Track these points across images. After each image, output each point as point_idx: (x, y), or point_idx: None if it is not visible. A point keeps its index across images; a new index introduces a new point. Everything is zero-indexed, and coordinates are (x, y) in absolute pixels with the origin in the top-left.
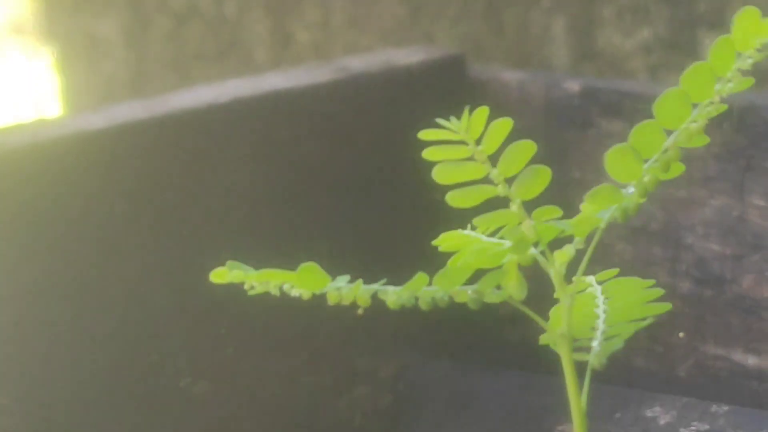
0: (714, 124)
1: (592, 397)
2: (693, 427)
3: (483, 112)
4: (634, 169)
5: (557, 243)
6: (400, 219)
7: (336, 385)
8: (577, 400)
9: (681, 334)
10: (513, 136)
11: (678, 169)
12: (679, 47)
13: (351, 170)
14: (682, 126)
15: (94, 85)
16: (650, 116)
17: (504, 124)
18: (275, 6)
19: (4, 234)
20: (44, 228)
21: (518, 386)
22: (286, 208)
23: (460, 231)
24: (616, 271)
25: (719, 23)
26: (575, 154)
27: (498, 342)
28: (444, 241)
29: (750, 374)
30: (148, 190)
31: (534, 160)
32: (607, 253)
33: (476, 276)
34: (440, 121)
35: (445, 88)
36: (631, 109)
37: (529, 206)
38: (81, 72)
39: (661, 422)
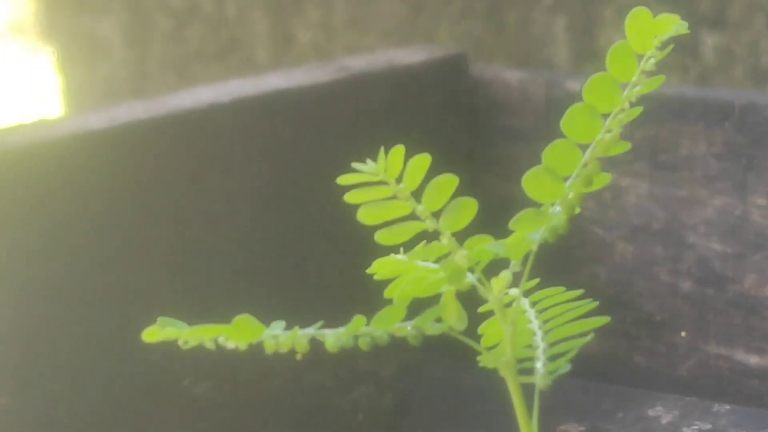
0: (715, 124)
1: (595, 397)
2: (695, 427)
3: (399, 150)
4: (555, 189)
5: (494, 270)
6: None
7: (338, 385)
8: (527, 427)
9: (683, 334)
10: (514, 136)
11: (603, 179)
12: (680, 47)
13: (353, 170)
14: (597, 138)
15: (95, 85)
16: (650, 116)
17: (422, 160)
18: (276, 6)
19: (4, 234)
20: (45, 228)
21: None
22: (288, 208)
23: (393, 256)
24: (537, 281)
25: (720, 22)
26: None
27: None
28: (378, 268)
29: (752, 373)
30: (149, 191)
31: (536, 160)
32: (608, 252)
33: (414, 306)
34: (356, 164)
35: (447, 87)
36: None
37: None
38: (81, 72)
39: (663, 421)
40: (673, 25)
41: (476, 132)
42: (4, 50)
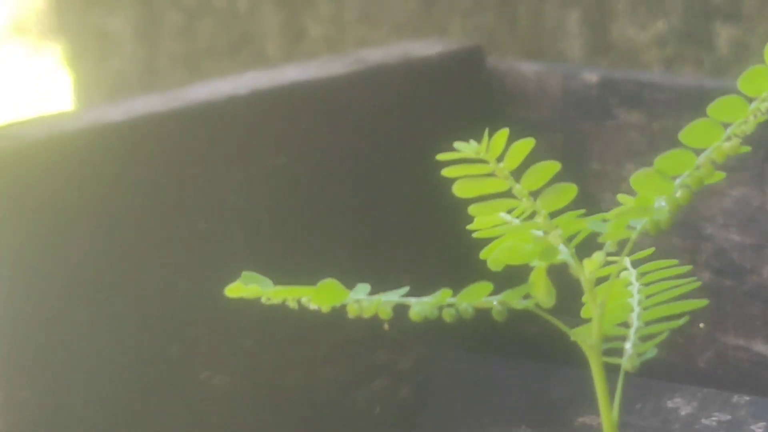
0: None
1: (613, 389)
2: (714, 418)
3: (503, 134)
4: (662, 186)
5: (586, 249)
6: (420, 212)
7: (355, 378)
8: (608, 410)
9: (701, 325)
10: (531, 128)
11: (717, 177)
12: (694, 39)
13: (370, 162)
14: (715, 144)
15: (105, 81)
16: (668, 106)
17: (526, 144)
18: (287, 0)
19: (23, 227)
20: (63, 220)
21: (537, 377)
22: (305, 200)
23: (500, 215)
24: (651, 250)
25: (735, 15)
26: (594, 146)
27: (517, 333)
28: (481, 224)
29: None
30: (167, 183)
31: (552, 152)
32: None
33: (500, 276)
34: (458, 144)
35: (463, 80)
36: (649, 99)
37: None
38: (91, 68)
39: (682, 413)
40: None
41: (492, 124)
42: (13, 46)
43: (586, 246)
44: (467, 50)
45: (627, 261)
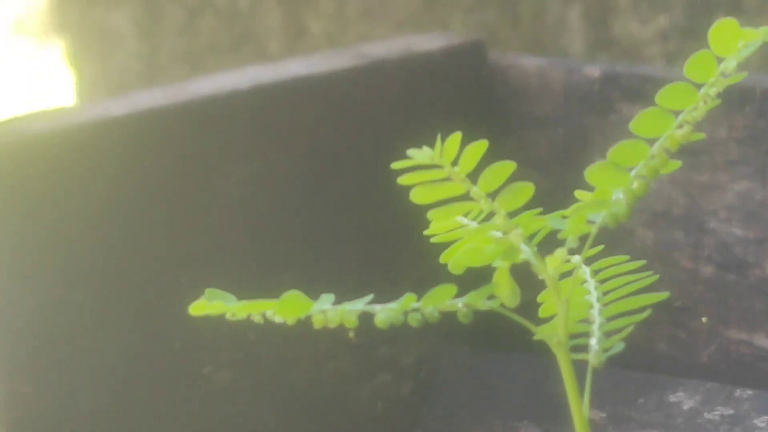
0: (736, 108)
1: (615, 383)
2: (717, 412)
3: (456, 138)
4: (618, 179)
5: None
6: (422, 207)
7: (358, 373)
8: (578, 405)
9: (704, 319)
10: (533, 123)
11: (672, 166)
12: (697, 34)
13: (372, 156)
14: (667, 132)
15: (107, 77)
16: None
17: (478, 147)
18: None
19: (25, 220)
20: (66, 215)
21: (539, 372)
22: (307, 195)
23: (455, 219)
24: (600, 248)
25: (736, 9)
26: (596, 140)
27: (518, 328)
28: (438, 229)
29: None
30: (168, 177)
31: (555, 147)
32: (628, 238)
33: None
34: (411, 151)
35: (466, 74)
36: (652, 93)
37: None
38: (93, 65)
39: (685, 407)
40: (760, 35)
41: (495, 118)
42: (16, 44)
43: (547, 244)
44: (469, 45)
45: (578, 259)
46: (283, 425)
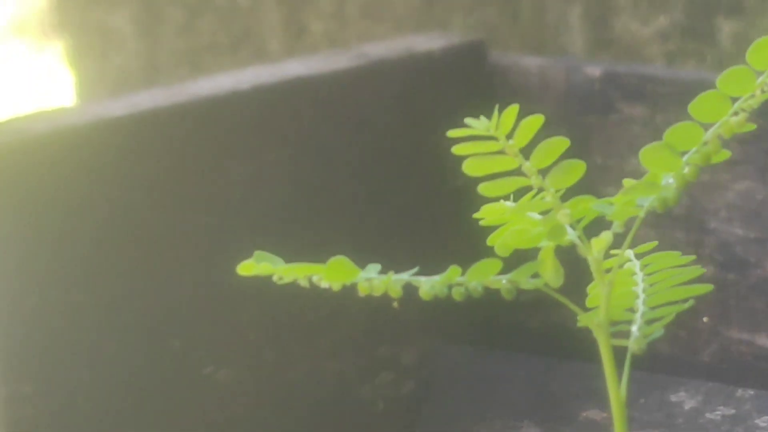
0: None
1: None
2: (718, 412)
3: (513, 110)
4: (671, 162)
5: (593, 231)
6: (422, 205)
7: (359, 372)
8: (615, 389)
9: (705, 319)
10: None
11: (723, 155)
12: (697, 34)
13: (373, 156)
14: (723, 119)
15: (107, 77)
16: (671, 100)
17: (535, 120)
18: None
19: (26, 221)
20: (66, 215)
21: (541, 371)
22: (307, 195)
23: (502, 203)
24: (654, 243)
25: (737, 9)
26: (597, 140)
27: (520, 327)
28: (486, 213)
29: None
30: (169, 178)
31: None
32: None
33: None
34: (468, 120)
35: (466, 74)
36: (652, 93)
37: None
38: (93, 64)
39: (686, 407)
40: None
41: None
42: (15, 44)
43: (591, 233)
44: (470, 44)
45: (630, 253)
46: (284, 424)
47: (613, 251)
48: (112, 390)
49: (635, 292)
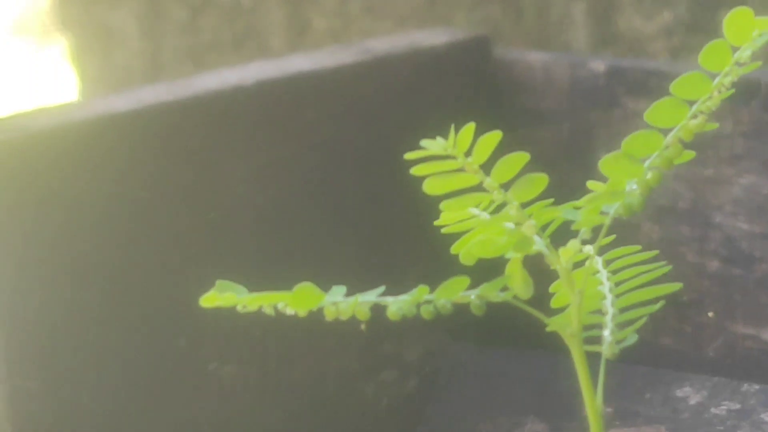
0: (742, 102)
1: (621, 378)
2: (724, 407)
3: (469, 129)
4: (632, 170)
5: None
6: (427, 201)
7: (363, 370)
8: (591, 396)
9: (710, 314)
10: (538, 117)
11: (686, 156)
12: (701, 29)
13: (376, 152)
14: (681, 122)
15: (109, 76)
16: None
17: (493, 137)
18: None
19: (29, 217)
20: (69, 211)
21: (545, 368)
22: (311, 191)
23: (467, 210)
24: (612, 237)
25: (741, 4)
26: (601, 135)
27: (524, 324)
28: (448, 219)
29: None
30: (173, 173)
31: (560, 142)
32: (634, 233)
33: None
34: (425, 141)
35: (470, 69)
36: (657, 87)
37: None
38: (96, 63)
39: (692, 402)
40: None
41: (499, 114)
42: (18, 42)
43: (559, 236)
44: (474, 40)
45: (590, 249)
46: (288, 421)
47: (568, 245)
48: (117, 386)
49: (601, 292)
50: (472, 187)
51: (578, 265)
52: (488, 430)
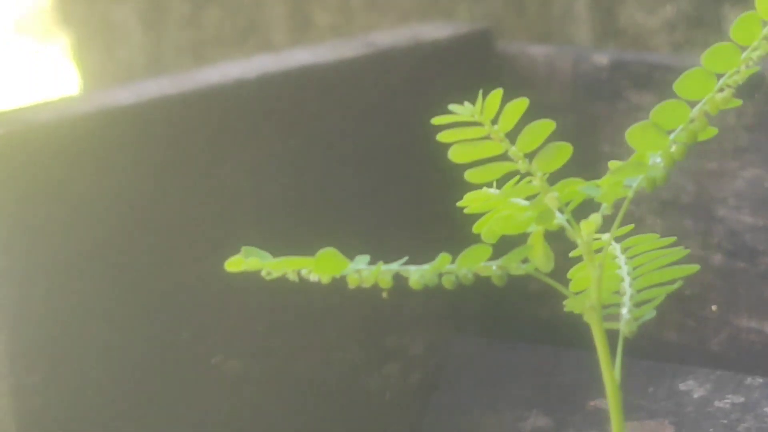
0: (745, 95)
1: (625, 372)
2: (727, 400)
3: (497, 94)
4: (657, 141)
5: (584, 214)
6: (429, 194)
7: (366, 363)
8: (609, 372)
9: (713, 308)
10: (541, 111)
11: (709, 132)
12: (704, 23)
13: (379, 145)
14: (708, 96)
15: (111, 70)
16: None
17: (519, 104)
18: None
19: (32, 209)
20: (73, 203)
21: (549, 361)
22: (314, 184)
23: (486, 190)
24: (631, 227)
25: (743, 0)
26: (604, 128)
27: (528, 317)
28: (469, 201)
29: None
30: (176, 167)
31: (563, 135)
32: (637, 226)
33: (498, 247)
34: (453, 106)
35: (473, 62)
36: (660, 81)
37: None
38: (98, 58)
39: (695, 395)
40: None
41: (502, 107)
42: (20, 37)
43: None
44: (477, 33)
45: (608, 236)
46: (292, 414)
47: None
48: (121, 380)
49: (619, 275)
50: (497, 156)
51: (597, 251)
52: (492, 423)
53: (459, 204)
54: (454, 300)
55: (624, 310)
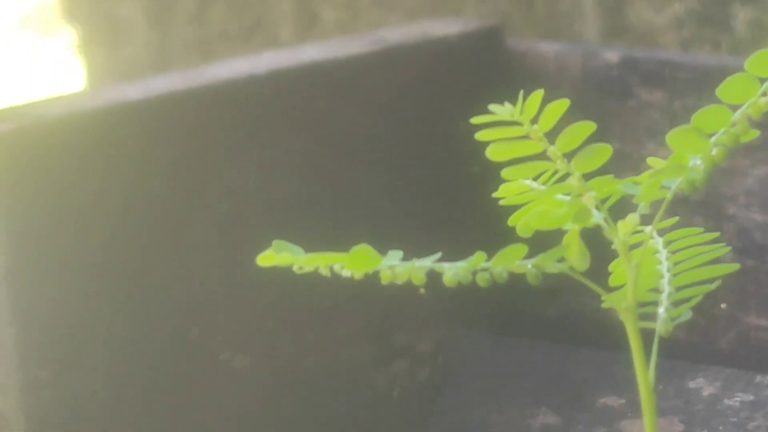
0: None
1: (634, 370)
2: (737, 398)
3: (538, 95)
4: (698, 144)
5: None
6: (440, 191)
7: (374, 360)
8: (644, 373)
9: (723, 306)
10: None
11: (752, 135)
12: (712, 21)
13: (389, 142)
14: (751, 100)
15: (117, 67)
16: (690, 85)
17: (560, 105)
18: None
19: (41, 206)
20: (83, 199)
21: (558, 359)
22: (324, 181)
23: (525, 182)
24: (675, 219)
25: None
26: (614, 125)
27: (536, 315)
28: (506, 192)
29: None
30: (185, 163)
31: None
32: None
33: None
34: (492, 106)
35: (482, 59)
36: (670, 78)
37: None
38: (104, 54)
39: (705, 393)
40: None
41: (512, 104)
42: (25, 34)
43: (617, 213)
44: (486, 30)
45: (651, 229)
46: (300, 411)
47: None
48: (130, 376)
49: (659, 271)
50: (535, 155)
51: (638, 245)
52: (500, 421)
53: (495, 195)
54: (462, 297)
55: (661, 310)
